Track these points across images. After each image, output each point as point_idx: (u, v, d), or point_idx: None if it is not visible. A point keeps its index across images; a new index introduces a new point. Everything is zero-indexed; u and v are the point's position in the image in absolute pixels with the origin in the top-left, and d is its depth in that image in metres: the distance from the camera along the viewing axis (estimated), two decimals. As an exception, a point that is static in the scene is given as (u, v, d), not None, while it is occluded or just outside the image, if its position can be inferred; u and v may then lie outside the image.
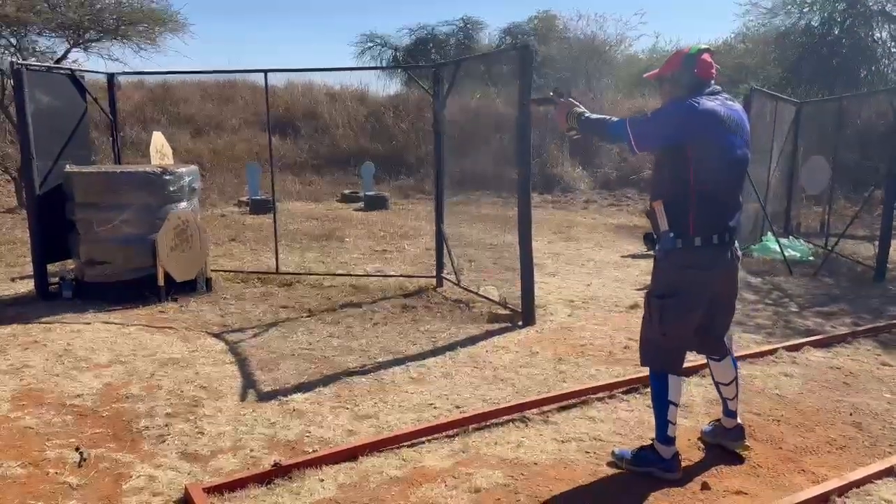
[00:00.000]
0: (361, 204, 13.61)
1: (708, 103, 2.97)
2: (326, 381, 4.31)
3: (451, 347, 4.98)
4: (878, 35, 16.67)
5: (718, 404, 3.50)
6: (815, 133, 9.90)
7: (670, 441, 3.15)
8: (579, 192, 15.24)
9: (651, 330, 3.14)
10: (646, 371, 3.26)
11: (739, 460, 3.31)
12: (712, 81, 3.10)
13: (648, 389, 3.33)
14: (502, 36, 22.54)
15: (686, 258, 3.02)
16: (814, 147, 9.78)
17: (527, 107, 5.27)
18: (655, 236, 3.13)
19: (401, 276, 7.26)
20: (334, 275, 7.30)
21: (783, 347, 4.92)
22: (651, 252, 3.18)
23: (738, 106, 3.11)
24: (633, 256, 8.62)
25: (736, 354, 3.74)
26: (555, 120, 3.44)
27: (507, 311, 5.82)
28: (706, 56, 3.09)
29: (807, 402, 4.06)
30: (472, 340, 5.16)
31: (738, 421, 3.40)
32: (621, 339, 5.19)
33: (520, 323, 5.57)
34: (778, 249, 8.11)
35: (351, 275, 7.30)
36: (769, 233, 8.64)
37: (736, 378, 3.37)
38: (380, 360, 4.72)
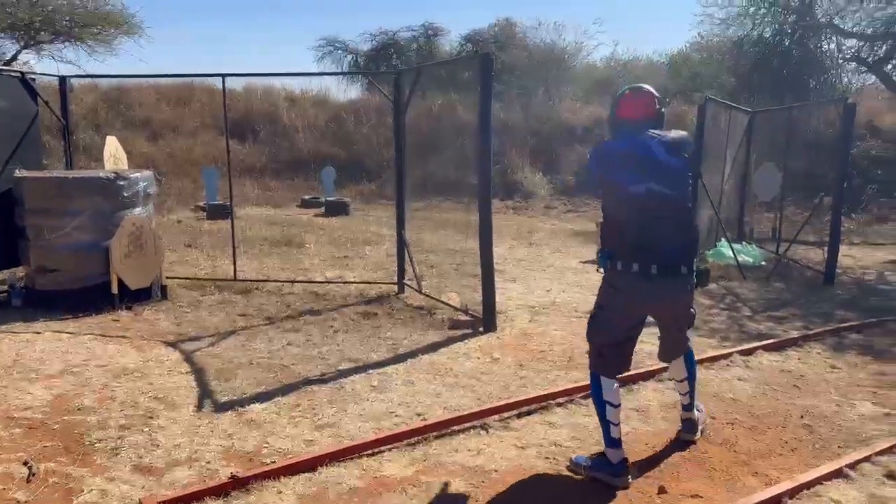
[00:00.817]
0: (322, 209, 13.50)
1: (611, 143, 3.23)
2: (285, 390, 4.27)
3: (413, 354, 4.98)
4: (826, 47, 17.22)
5: (675, 409, 3.57)
6: (766, 141, 10.16)
7: (616, 444, 3.22)
8: (539, 198, 15.37)
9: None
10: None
11: (697, 464, 3.37)
12: (639, 120, 3.16)
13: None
14: (463, 42, 22.65)
15: (610, 277, 3.23)
16: (765, 154, 10.03)
17: (487, 114, 5.30)
18: None
19: (362, 282, 7.22)
20: (294, 282, 7.22)
21: (737, 352, 5.04)
22: None
23: (655, 143, 3.08)
24: (592, 262, 8.69)
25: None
26: None
27: (468, 318, 5.84)
28: (629, 96, 3.23)
29: (759, 405, 4.15)
30: (434, 347, 5.16)
31: (692, 415, 3.58)
32: (581, 345, 5.20)
33: (481, 329, 5.58)
34: (731, 255, 8.29)
35: (311, 281, 7.24)
36: (723, 238, 8.83)
37: (688, 377, 3.53)
38: (340, 368, 4.69)
